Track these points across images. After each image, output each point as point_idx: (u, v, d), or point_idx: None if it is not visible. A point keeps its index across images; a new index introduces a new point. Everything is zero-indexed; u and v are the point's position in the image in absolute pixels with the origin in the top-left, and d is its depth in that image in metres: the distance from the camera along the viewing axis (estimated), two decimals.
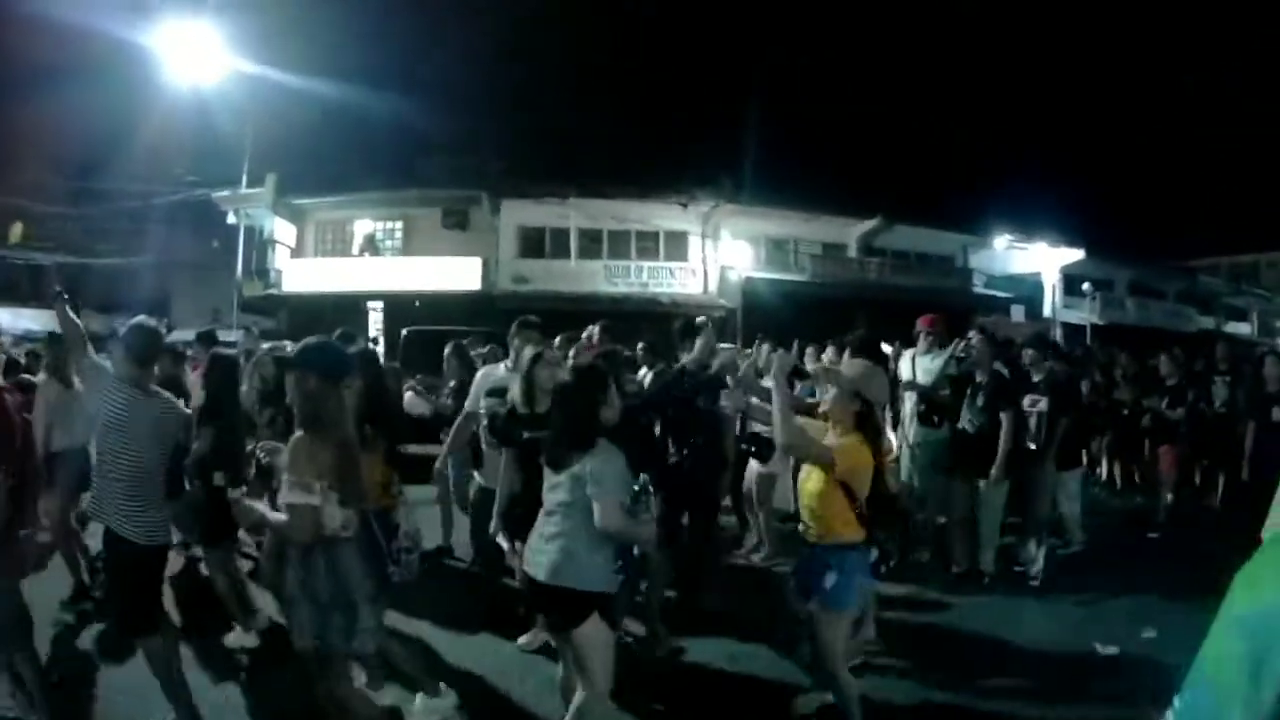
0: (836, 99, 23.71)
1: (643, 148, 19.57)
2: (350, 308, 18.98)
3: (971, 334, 5.93)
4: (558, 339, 5.29)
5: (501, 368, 4.87)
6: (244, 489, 3.42)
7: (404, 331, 12.82)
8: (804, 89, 23.30)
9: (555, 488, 2.82)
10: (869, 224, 22.26)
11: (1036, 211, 24.22)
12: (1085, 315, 25.91)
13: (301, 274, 20.89)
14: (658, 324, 15.29)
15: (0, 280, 28.99)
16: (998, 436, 5.23)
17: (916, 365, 5.76)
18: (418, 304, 18.36)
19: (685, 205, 20.48)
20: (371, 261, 20.85)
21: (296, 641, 2.71)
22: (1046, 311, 25.67)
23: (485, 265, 19.97)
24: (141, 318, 3.54)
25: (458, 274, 19.71)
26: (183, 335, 15.12)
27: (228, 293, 22.20)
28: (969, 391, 5.41)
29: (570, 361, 4.14)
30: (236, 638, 4.12)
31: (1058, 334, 25.28)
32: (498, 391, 4.20)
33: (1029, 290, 25.50)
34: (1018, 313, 24.69)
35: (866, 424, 3.03)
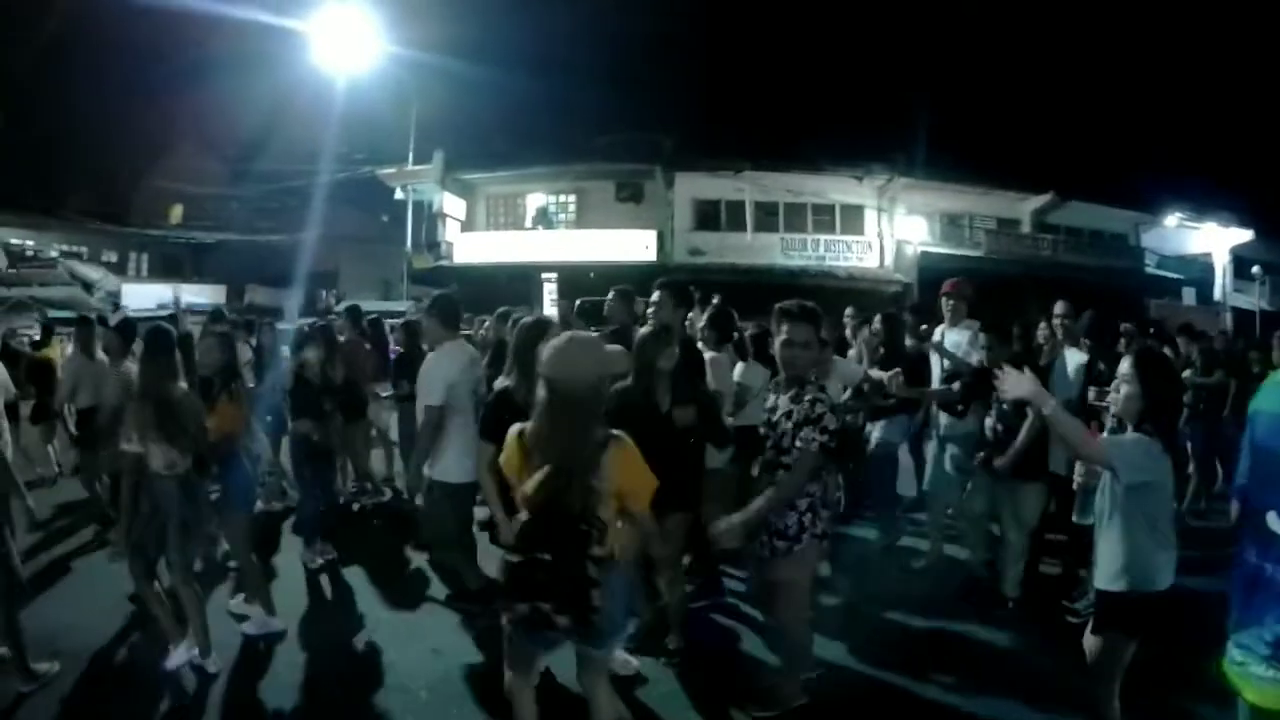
0: (1010, 73, 23.09)
1: (817, 121, 19.38)
2: (523, 278, 19.41)
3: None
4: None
5: (466, 349, 4.03)
6: None
7: (577, 301, 13.08)
8: (978, 63, 22.77)
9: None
10: (1042, 199, 21.70)
11: (1208, 189, 23.13)
12: (1254, 300, 24.64)
13: (473, 246, 21.38)
14: (833, 298, 15.21)
15: (163, 258, 30.73)
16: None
17: (946, 340, 4.77)
18: (592, 275, 18.58)
19: (860, 179, 20.27)
20: (544, 234, 21.21)
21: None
22: (1217, 295, 24.56)
23: (660, 237, 20.14)
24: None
25: (632, 246, 19.91)
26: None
27: (398, 266, 22.98)
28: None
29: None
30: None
31: (1228, 319, 24.21)
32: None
33: (1199, 272, 24.43)
34: (1189, 295, 23.70)
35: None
